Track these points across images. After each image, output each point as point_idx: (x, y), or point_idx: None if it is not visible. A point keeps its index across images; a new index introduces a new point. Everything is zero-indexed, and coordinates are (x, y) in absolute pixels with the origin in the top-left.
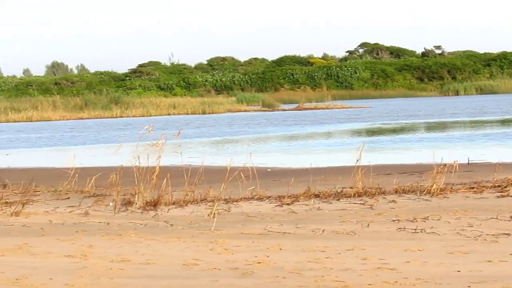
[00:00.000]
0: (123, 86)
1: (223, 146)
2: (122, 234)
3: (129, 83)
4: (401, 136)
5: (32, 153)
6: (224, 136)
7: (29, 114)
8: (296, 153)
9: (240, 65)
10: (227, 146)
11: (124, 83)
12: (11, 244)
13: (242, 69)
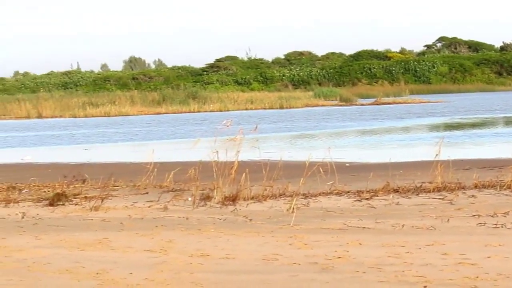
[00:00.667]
0: (200, 81)
1: (301, 141)
2: (202, 229)
3: (206, 77)
4: (479, 131)
5: (110, 148)
6: (301, 131)
7: (107, 109)
8: (374, 148)
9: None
10: (305, 141)
11: (201, 77)
12: (91, 239)
13: (320, 64)
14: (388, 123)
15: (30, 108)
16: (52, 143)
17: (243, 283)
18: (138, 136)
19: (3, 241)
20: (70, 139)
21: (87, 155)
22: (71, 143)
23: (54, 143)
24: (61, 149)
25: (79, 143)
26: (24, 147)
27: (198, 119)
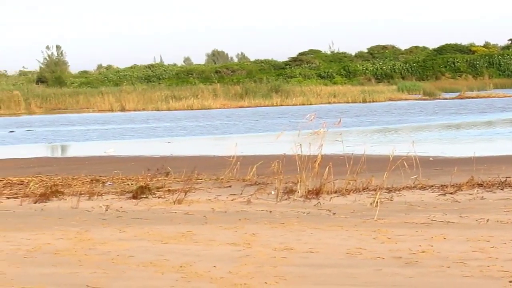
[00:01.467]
0: (283, 74)
1: (384, 134)
2: (285, 223)
3: (289, 71)
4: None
5: (193, 141)
6: (384, 125)
7: (189, 102)
8: (458, 142)
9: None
10: (388, 135)
11: (284, 71)
12: (175, 232)
13: (403, 58)
14: (472, 118)
15: (113, 101)
16: (135, 136)
17: (327, 277)
18: (220, 130)
19: (87, 233)
20: (152, 133)
21: (170, 148)
22: (153, 136)
23: (137, 136)
24: (144, 142)
25: (162, 136)
26: (108, 140)
27: (281, 113)
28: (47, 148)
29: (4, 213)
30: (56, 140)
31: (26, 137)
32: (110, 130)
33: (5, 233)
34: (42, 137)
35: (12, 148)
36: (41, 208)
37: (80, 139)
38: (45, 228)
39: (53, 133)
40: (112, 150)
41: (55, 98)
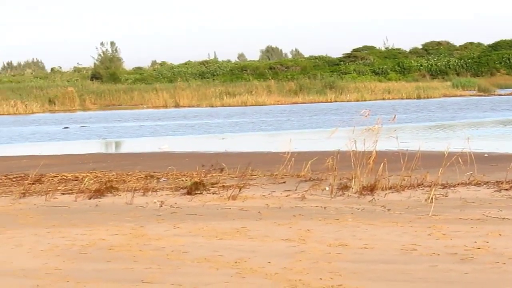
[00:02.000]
0: (337, 70)
1: (438, 131)
2: (339, 219)
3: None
4: None
5: (247, 137)
6: (439, 121)
7: (243, 99)
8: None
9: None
10: (443, 131)
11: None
12: (229, 228)
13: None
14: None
15: (167, 98)
16: (188, 132)
17: (382, 273)
18: (272, 126)
19: (142, 229)
20: (205, 129)
21: (224, 145)
22: (206, 132)
23: (190, 133)
24: (198, 138)
25: (214, 132)
26: (161, 136)
27: (335, 109)
28: (101, 144)
29: (59, 209)
30: (110, 136)
31: (80, 133)
32: (164, 126)
33: (60, 228)
34: (96, 133)
35: (67, 144)
36: (96, 204)
37: (134, 135)
38: (99, 224)
39: (107, 129)
40: (167, 146)
41: (110, 95)
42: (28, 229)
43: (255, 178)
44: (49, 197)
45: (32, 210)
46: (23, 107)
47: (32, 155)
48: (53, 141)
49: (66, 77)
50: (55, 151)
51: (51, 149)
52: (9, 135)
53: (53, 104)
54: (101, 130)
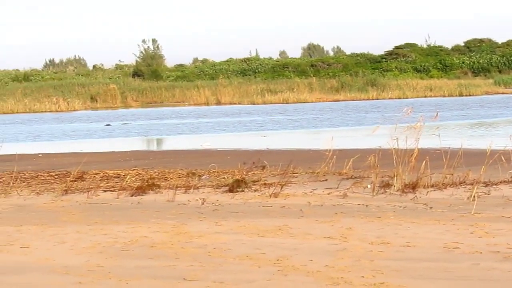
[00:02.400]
0: (379, 68)
1: (481, 128)
2: (381, 216)
3: (385, 65)
4: None
5: (288, 134)
6: (481, 118)
7: (285, 96)
8: None
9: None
10: (485, 129)
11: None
12: (271, 225)
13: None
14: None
15: (209, 95)
16: (228, 130)
17: (424, 271)
18: (312, 123)
19: (184, 226)
20: (246, 126)
21: (265, 142)
22: (247, 130)
23: (231, 130)
24: (240, 135)
25: (254, 130)
26: (202, 133)
27: (376, 106)
28: (143, 142)
29: (101, 206)
30: (152, 133)
31: (122, 130)
32: (205, 123)
33: (102, 226)
34: (138, 130)
35: (109, 142)
36: (138, 201)
37: (176, 133)
38: (141, 221)
39: (148, 127)
40: (208, 143)
41: (151, 92)
42: (70, 226)
43: (296, 176)
44: (91, 195)
45: (74, 207)
46: (65, 104)
47: (74, 153)
48: (95, 138)
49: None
50: (97, 149)
51: (93, 146)
52: (51, 132)
53: (95, 101)
54: (143, 127)
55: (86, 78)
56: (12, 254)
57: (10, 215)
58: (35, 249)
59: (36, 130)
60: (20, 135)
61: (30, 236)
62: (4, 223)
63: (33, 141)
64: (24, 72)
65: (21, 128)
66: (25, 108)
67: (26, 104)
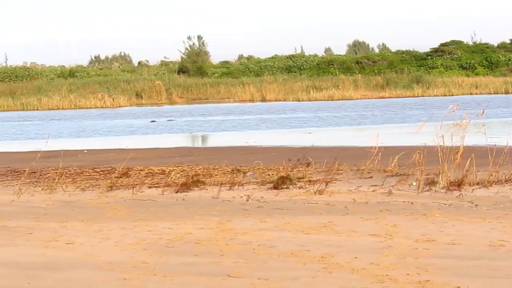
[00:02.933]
0: (424, 65)
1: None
2: (427, 214)
3: (430, 62)
4: None
5: (333, 131)
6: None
7: (330, 93)
8: None
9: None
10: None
11: (425, 62)
12: (316, 222)
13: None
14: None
15: (254, 92)
16: (276, 126)
17: (470, 269)
18: (356, 120)
19: (229, 223)
20: (292, 123)
21: (310, 139)
22: (290, 126)
23: (278, 127)
24: (285, 132)
25: (298, 126)
26: (248, 130)
27: (422, 103)
28: (187, 138)
29: (146, 203)
30: (197, 130)
31: (167, 126)
32: (250, 120)
33: (147, 222)
34: (182, 127)
35: (153, 138)
36: (183, 197)
37: (220, 129)
38: (186, 218)
39: (193, 123)
40: (253, 140)
41: (196, 88)
42: (115, 223)
43: (341, 173)
44: (136, 191)
45: (119, 204)
46: (110, 101)
47: (119, 149)
48: (140, 135)
49: (153, 71)
50: (142, 145)
51: (138, 142)
52: (96, 128)
53: (140, 98)
54: (188, 123)
55: (131, 74)
56: (57, 250)
57: (55, 211)
58: (80, 245)
59: (81, 126)
60: (65, 131)
61: (75, 232)
62: (49, 219)
63: (78, 137)
64: (70, 69)
65: (66, 124)
66: (70, 104)
67: (72, 100)
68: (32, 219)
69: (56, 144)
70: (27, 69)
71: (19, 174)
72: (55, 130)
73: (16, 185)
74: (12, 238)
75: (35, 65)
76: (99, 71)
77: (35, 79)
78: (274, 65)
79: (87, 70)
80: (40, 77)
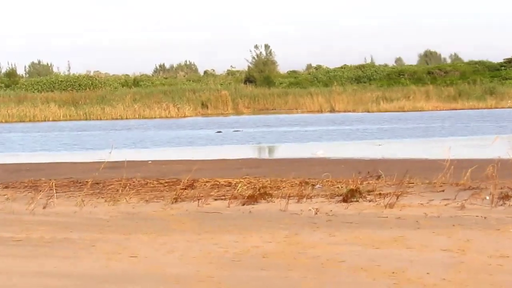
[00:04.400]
0: (498, 76)
1: None
2: (501, 229)
3: (504, 73)
4: None
5: (404, 143)
6: None
7: (401, 104)
8: None
9: None
10: None
11: (499, 73)
12: (386, 236)
13: None
14: None
15: (322, 102)
16: (344, 138)
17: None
18: (429, 132)
19: (297, 237)
20: (362, 134)
21: (380, 151)
22: (362, 138)
23: (347, 138)
24: (354, 144)
25: (371, 138)
26: (316, 141)
27: (495, 115)
28: (254, 149)
29: (211, 215)
30: (264, 140)
31: (233, 137)
32: (317, 131)
33: (213, 235)
34: (249, 137)
35: (219, 149)
36: (249, 210)
37: (288, 140)
38: (253, 231)
39: (260, 134)
40: (321, 152)
41: (263, 99)
42: (180, 235)
43: (412, 186)
44: (201, 203)
45: (184, 216)
46: (175, 111)
47: (184, 160)
48: (206, 145)
49: (219, 80)
50: (208, 156)
51: (204, 153)
52: (161, 139)
53: (206, 108)
54: (254, 134)
55: (197, 83)
56: (121, 263)
57: (118, 223)
58: (144, 258)
59: (145, 136)
60: (129, 141)
61: (139, 245)
62: (113, 231)
63: (142, 148)
64: (134, 77)
65: (130, 134)
66: (134, 114)
67: (136, 110)
68: (95, 231)
69: (119, 155)
70: (90, 78)
71: (82, 185)
72: (119, 141)
73: (79, 196)
74: (75, 250)
75: (98, 74)
76: (164, 80)
77: (98, 88)
78: (343, 75)
79: (151, 79)
80: (104, 86)
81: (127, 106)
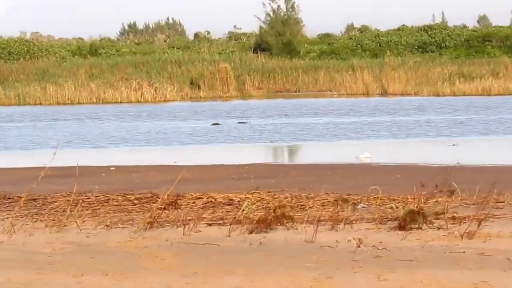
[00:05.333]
0: None
1: None
2: None
3: None
4: None
5: (489, 143)
6: None
7: (485, 84)
8: None
9: None
10: None
11: None
12: (463, 281)
13: None
14: None
15: (369, 81)
16: (401, 134)
17: None
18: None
19: (330, 281)
20: (428, 128)
21: (455, 154)
22: (427, 135)
23: (405, 135)
24: (416, 143)
25: (442, 135)
26: (360, 139)
27: None
28: (267, 150)
29: (204, 248)
30: (282, 138)
31: (236, 133)
32: (361, 123)
33: (206, 278)
34: (260, 132)
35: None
36: (260, 240)
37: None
38: (266, 272)
39: (276, 128)
40: (367, 155)
41: (282, 75)
42: (157, 277)
43: (502, 207)
44: (188, 230)
45: (163, 249)
46: (152, 92)
47: (163, 165)
48: (196, 144)
49: (216, 48)
50: (199, 160)
51: (193, 156)
52: (130, 134)
53: (197, 88)
54: (268, 128)
55: (183, 52)
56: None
57: (66, 259)
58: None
59: (106, 130)
60: (82, 138)
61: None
62: (58, 269)
63: (101, 148)
64: (91, 43)
65: (84, 127)
66: (91, 96)
67: (93, 91)
68: (31, 270)
69: (68, 158)
70: (25, 43)
71: (12, 202)
72: (67, 136)
73: (7, 218)
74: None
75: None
76: (135, 47)
77: (37, 58)
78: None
79: (116, 45)
80: (46, 55)
81: (80, 85)
